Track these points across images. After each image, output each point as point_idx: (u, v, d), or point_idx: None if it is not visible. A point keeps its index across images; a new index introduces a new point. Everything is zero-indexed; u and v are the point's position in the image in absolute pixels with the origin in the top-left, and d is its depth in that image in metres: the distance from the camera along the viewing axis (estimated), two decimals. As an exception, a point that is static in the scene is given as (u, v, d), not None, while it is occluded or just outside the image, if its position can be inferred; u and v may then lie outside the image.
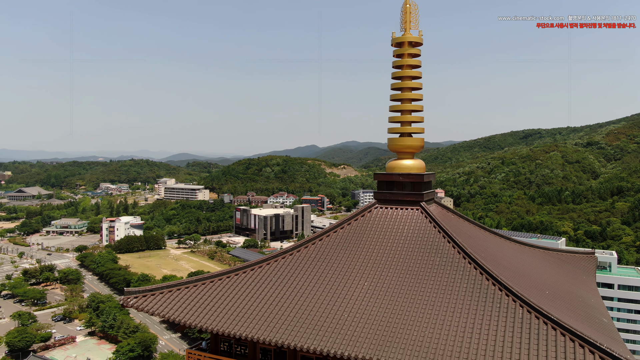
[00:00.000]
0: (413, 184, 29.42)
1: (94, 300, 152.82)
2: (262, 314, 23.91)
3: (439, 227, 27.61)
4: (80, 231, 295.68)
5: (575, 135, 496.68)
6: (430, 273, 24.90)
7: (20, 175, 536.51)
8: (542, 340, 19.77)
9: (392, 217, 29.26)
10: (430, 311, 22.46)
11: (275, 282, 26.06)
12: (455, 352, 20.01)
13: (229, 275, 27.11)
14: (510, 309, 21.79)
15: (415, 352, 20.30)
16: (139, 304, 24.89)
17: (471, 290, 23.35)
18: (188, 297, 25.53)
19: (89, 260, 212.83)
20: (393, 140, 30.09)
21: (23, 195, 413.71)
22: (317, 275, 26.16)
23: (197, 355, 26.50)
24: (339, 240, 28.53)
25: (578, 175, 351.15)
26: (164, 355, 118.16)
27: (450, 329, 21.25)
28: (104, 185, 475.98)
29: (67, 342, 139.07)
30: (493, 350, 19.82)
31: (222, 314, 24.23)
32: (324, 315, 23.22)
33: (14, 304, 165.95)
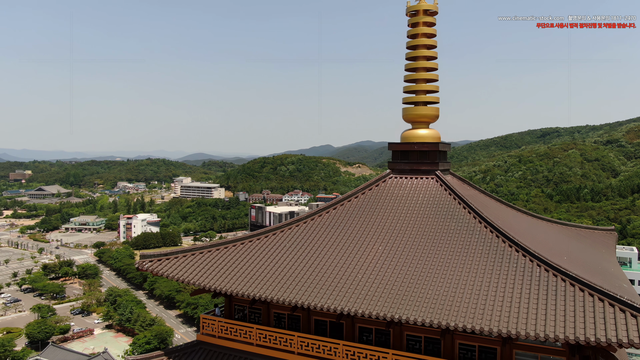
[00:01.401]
0: (428, 153, 29.15)
1: (111, 294, 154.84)
2: (276, 276, 23.89)
3: (454, 194, 27.31)
4: (98, 228, 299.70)
5: (595, 133, 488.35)
6: (445, 237, 24.62)
7: (40, 174, 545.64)
8: (560, 296, 19.38)
9: (407, 186, 29.02)
10: (445, 271, 22.20)
11: (289, 248, 26.02)
12: (471, 307, 19.72)
13: (243, 242, 27.15)
14: (527, 268, 21.42)
15: (431, 309, 20.06)
16: (154, 267, 25.06)
17: (487, 251, 23.02)
18: (203, 261, 25.63)
19: (106, 256, 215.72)
20: (407, 110, 29.84)
21: (43, 193, 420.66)
22: (331, 240, 26.05)
23: (211, 320, 26.58)
24: (353, 209, 28.38)
25: (597, 173, 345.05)
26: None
27: (465, 287, 20.97)
28: (122, 184, 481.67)
29: (85, 334, 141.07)
30: (510, 305, 19.48)
31: (237, 276, 24.27)
32: (338, 276, 23.10)
33: (33, 298, 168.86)
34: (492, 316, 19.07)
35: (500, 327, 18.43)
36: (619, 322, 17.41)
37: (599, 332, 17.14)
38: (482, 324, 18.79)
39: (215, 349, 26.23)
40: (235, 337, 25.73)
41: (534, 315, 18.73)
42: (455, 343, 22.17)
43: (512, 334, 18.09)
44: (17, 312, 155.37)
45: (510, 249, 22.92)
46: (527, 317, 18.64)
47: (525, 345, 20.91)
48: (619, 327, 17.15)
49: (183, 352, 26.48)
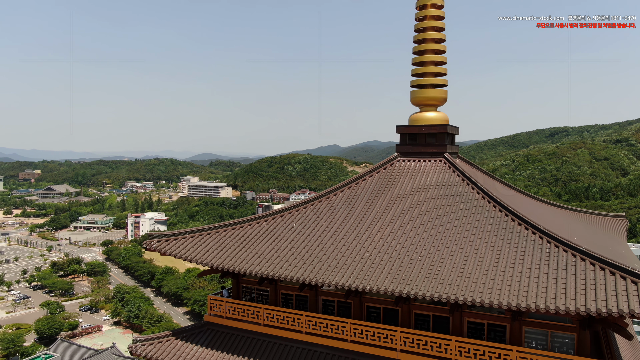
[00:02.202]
0: (436, 135, 28.99)
1: (119, 291, 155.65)
2: (285, 254, 23.84)
3: (462, 175, 27.14)
4: (107, 227, 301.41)
5: (604, 132, 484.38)
6: (453, 216, 24.46)
7: (50, 173, 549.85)
8: (570, 270, 19.15)
9: (415, 169, 28.88)
10: (454, 248, 22.04)
11: (297, 228, 25.96)
12: (480, 282, 19.56)
13: (250, 224, 27.13)
14: (537, 244, 21.23)
15: (440, 284, 19.91)
16: (162, 247, 25.10)
17: (496, 230, 22.84)
18: (211, 241, 25.64)
19: (114, 254, 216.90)
20: (415, 92, 29.68)
21: (52, 192, 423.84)
22: (339, 221, 25.97)
23: (218, 301, 26.58)
24: (361, 191, 28.29)
25: (607, 172, 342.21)
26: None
27: (475, 263, 20.80)
28: (130, 184, 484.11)
29: (94, 330, 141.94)
30: (519, 280, 19.29)
31: (245, 255, 24.24)
32: (347, 254, 23.01)
33: (43, 295, 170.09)
34: (502, 290, 18.90)
35: (510, 300, 18.26)
36: (631, 295, 17.18)
37: (611, 303, 16.92)
38: (491, 297, 18.63)
39: (222, 329, 26.22)
40: (242, 318, 25.70)
41: (544, 288, 18.54)
42: (464, 321, 22.01)
43: (522, 306, 17.91)
44: (27, 309, 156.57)
45: (519, 227, 22.73)
46: (537, 291, 18.45)
47: (535, 322, 20.71)
48: (631, 299, 16.92)
49: (190, 332, 26.50)
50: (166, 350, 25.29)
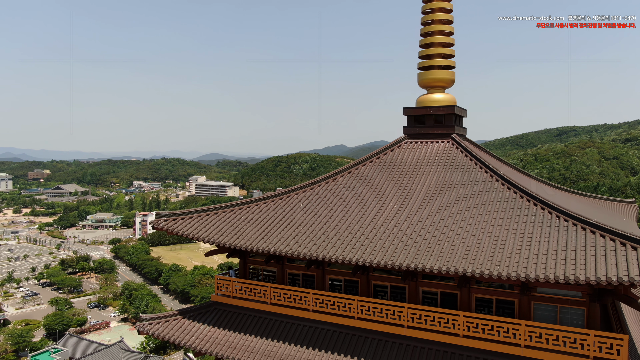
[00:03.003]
0: (444, 117, 28.82)
1: (127, 288, 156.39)
2: (292, 232, 23.79)
3: (470, 155, 26.98)
4: (115, 225, 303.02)
5: (613, 131, 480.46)
6: (461, 194, 24.31)
7: (58, 173, 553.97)
8: (580, 242, 18.95)
9: (422, 150, 28.73)
10: (462, 224, 21.89)
11: (305, 207, 25.91)
12: (488, 255, 19.39)
13: (257, 204, 27.12)
14: (545, 219, 21.03)
15: (448, 257, 19.76)
16: (169, 226, 25.13)
17: (504, 206, 22.67)
18: (218, 220, 25.64)
19: (122, 252, 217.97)
20: (423, 74, 29.52)
21: (60, 192, 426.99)
22: (346, 200, 25.91)
23: (225, 280, 26.58)
24: (368, 172, 28.19)
25: (616, 171, 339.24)
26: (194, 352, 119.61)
27: (483, 237, 20.64)
28: (137, 183, 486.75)
29: (102, 327, 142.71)
30: (528, 252, 19.12)
31: (252, 233, 24.22)
32: (354, 231, 22.92)
33: (51, 291, 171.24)
34: (511, 262, 18.74)
35: (519, 271, 18.09)
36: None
37: (621, 272, 16.70)
38: (500, 269, 18.46)
39: (229, 309, 26.22)
40: (249, 297, 25.68)
41: (553, 260, 18.36)
42: (472, 297, 21.85)
43: (531, 277, 17.74)
44: (36, 305, 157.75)
45: (528, 203, 22.55)
46: (547, 262, 18.27)
47: (544, 296, 20.52)
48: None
49: (197, 312, 26.52)
50: (173, 329, 25.33)
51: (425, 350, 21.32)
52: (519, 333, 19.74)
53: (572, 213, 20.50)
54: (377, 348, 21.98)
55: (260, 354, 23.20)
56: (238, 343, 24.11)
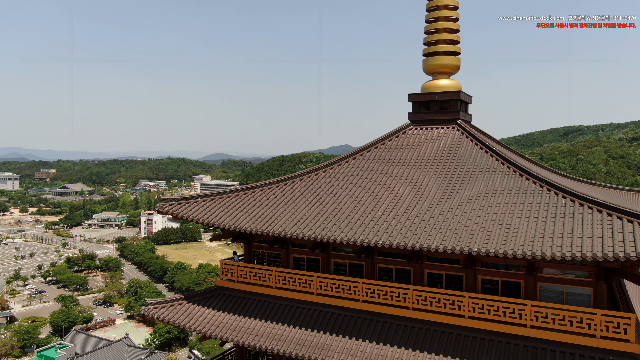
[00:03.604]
0: (449, 102, 28.72)
1: (132, 286, 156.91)
2: (298, 215, 23.77)
3: (476, 140, 26.88)
4: (120, 224, 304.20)
5: (620, 131, 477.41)
6: (467, 178, 24.23)
7: (64, 173, 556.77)
8: (587, 222, 18.82)
9: (428, 136, 28.65)
10: (467, 206, 21.79)
11: (310, 192, 25.89)
12: (494, 235, 19.29)
13: (262, 189, 27.12)
14: (552, 200, 20.91)
15: (453, 237, 19.68)
16: (174, 210, 25.16)
17: (510, 188, 22.54)
18: (223, 204, 25.65)
19: (128, 250, 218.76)
20: (428, 60, 29.43)
21: (66, 191, 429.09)
22: (351, 185, 25.86)
23: (230, 265, 26.59)
24: (373, 158, 28.13)
25: (622, 170, 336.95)
26: (199, 337, 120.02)
27: (489, 218, 20.53)
28: (143, 183, 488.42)
29: (107, 324, 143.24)
30: (534, 231, 18.99)
31: (258, 216, 24.20)
32: (359, 214, 22.88)
33: (57, 289, 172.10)
34: (517, 240, 18.63)
35: (525, 249, 17.98)
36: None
37: (629, 247, 16.56)
38: (506, 247, 18.35)
39: (234, 293, 26.23)
40: (254, 281, 25.67)
41: (560, 238, 18.23)
42: (478, 279, 21.76)
43: (537, 255, 17.62)
44: (42, 303, 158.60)
45: (534, 185, 22.42)
46: (553, 240, 18.15)
47: (550, 277, 20.41)
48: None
49: (202, 296, 26.54)
50: (178, 313, 25.37)
51: (431, 331, 21.24)
52: (525, 313, 19.64)
53: (579, 193, 20.37)
54: (382, 330, 21.92)
55: (265, 336, 23.19)
56: (243, 326, 24.11)
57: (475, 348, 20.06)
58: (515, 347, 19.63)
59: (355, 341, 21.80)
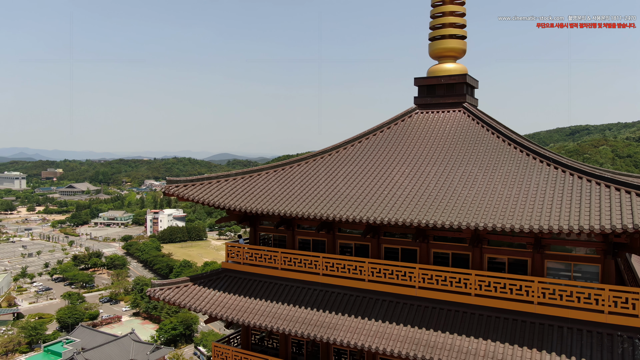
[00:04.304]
0: (455, 86, 28.60)
1: (138, 283, 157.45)
2: (303, 195, 23.75)
3: (482, 122, 26.77)
4: (126, 223, 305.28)
5: (627, 130, 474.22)
6: (473, 158, 24.12)
7: (71, 172, 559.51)
8: (594, 195, 18.69)
9: (433, 119, 28.55)
10: (473, 184, 21.70)
11: (316, 175, 25.85)
12: (501, 210, 19.17)
13: (267, 172, 27.12)
14: (559, 177, 20.79)
15: (459, 213, 19.58)
16: (180, 191, 25.20)
17: (517, 167, 22.42)
18: (229, 186, 25.68)
19: (134, 248, 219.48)
20: (434, 44, 29.32)
21: (73, 190, 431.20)
22: (356, 168, 25.81)
23: (236, 247, 26.60)
24: (378, 141, 28.06)
25: (629, 169, 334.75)
26: (204, 334, 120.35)
27: (495, 195, 20.42)
28: (148, 182, 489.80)
29: (114, 321, 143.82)
30: (542, 206, 18.86)
31: (263, 197, 24.20)
32: (364, 194, 22.82)
33: (64, 286, 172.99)
34: (524, 215, 18.52)
35: (532, 223, 17.85)
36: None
37: (638, 219, 16.42)
38: (513, 221, 18.24)
39: (240, 275, 26.25)
40: (260, 263, 25.68)
41: (567, 211, 18.10)
42: (484, 258, 21.66)
43: (545, 228, 17.50)
44: (49, 300, 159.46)
45: (541, 164, 22.32)
46: (561, 214, 18.02)
47: (557, 254, 20.28)
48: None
49: (208, 278, 26.57)
50: (184, 294, 25.41)
51: (437, 310, 21.17)
52: (532, 290, 19.53)
53: (586, 169, 20.27)
54: (388, 309, 21.86)
55: (271, 316, 23.18)
56: (249, 307, 24.12)
57: (481, 325, 19.97)
58: (522, 324, 19.53)
59: (361, 320, 21.76)
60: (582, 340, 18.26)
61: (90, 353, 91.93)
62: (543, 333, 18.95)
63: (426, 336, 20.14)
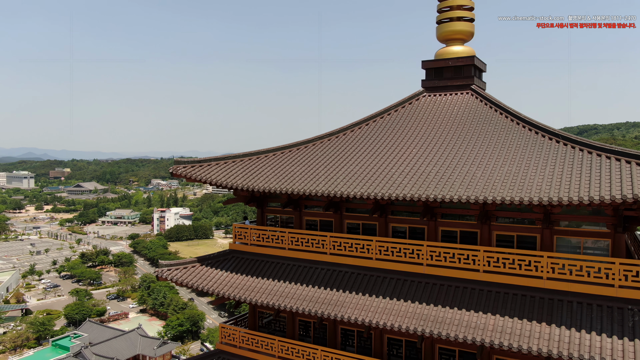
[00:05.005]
0: (463, 68, 28.48)
1: (145, 281, 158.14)
2: (311, 174, 23.72)
3: (490, 103, 26.64)
4: (133, 221, 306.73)
5: (636, 129, 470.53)
6: (481, 137, 24.01)
7: (79, 172, 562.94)
8: (605, 168, 18.51)
9: (441, 102, 28.44)
10: (482, 161, 21.59)
11: (321, 155, 25.83)
12: (509, 184, 19.05)
13: (274, 153, 27.13)
14: (568, 153, 20.63)
15: (468, 187, 19.47)
16: (188, 172, 25.26)
17: (525, 145, 22.28)
18: (236, 166, 25.72)
19: (140, 246, 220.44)
20: (441, 27, 29.21)
21: (81, 189, 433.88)
22: (364, 148, 25.76)
23: (243, 228, 26.63)
24: (385, 124, 28.00)
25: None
26: (211, 330, 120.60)
27: (504, 171, 20.29)
28: (155, 181, 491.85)
29: (121, 317, 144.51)
30: (551, 180, 18.73)
31: (271, 177, 24.19)
32: (372, 171, 22.76)
33: (72, 283, 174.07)
34: (533, 188, 18.39)
35: (541, 196, 17.73)
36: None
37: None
38: (522, 194, 18.12)
39: (247, 256, 26.27)
40: (267, 244, 25.70)
41: (577, 184, 17.97)
42: (493, 235, 21.53)
43: (554, 200, 17.36)
44: (57, 296, 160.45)
45: (550, 141, 22.17)
46: (570, 186, 17.90)
47: (567, 230, 20.13)
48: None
49: (216, 259, 26.62)
50: (192, 275, 25.46)
51: (445, 286, 21.07)
52: (541, 265, 19.40)
53: (596, 144, 20.10)
54: (396, 286, 21.79)
55: (278, 295, 23.18)
56: (256, 286, 24.13)
57: (490, 301, 19.85)
58: (531, 299, 19.39)
59: (369, 297, 21.70)
60: (593, 314, 18.11)
61: (98, 347, 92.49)
62: (553, 308, 18.80)
63: (434, 312, 20.05)
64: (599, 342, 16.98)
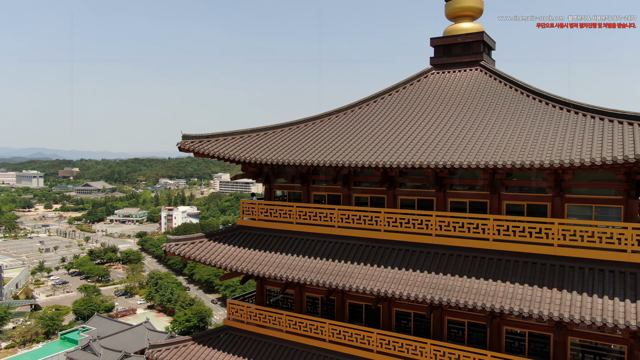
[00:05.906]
0: (472, 44, 28.26)
1: (153, 277, 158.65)
2: (319, 147, 23.64)
3: (500, 77, 26.41)
4: (141, 220, 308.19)
5: None
6: (490, 109, 23.80)
7: (87, 171, 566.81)
8: (617, 133, 18.29)
9: (450, 78, 28.25)
10: (491, 131, 21.39)
11: (329, 131, 25.75)
12: (520, 151, 18.83)
13: (282, 129, 27.07)
14: (580, 120, 20.40)
15: (478, 154, 19.29)
16: (196, 146, 25.25)
17: (535, 115, 22.08)
18: (245, 141, 25.67)
19: (148, 244, 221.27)
20: (450, 4, 29.03)
21: (89, 188, 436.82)
22: (372, 122, 25.63)
23: (251, 204, 26.58)
24: (393, 101, 27.85)
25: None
26: (218, 326, 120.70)
27: (514, 139, 20.09)
28: (163, 181, 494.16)
29: (128, 313, 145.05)
30: (562, 145, 18.52)
31: (279, 150, 24.13)
32: (380, 143, 22.62)
33: (80, 280, 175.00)
34: (544, 153, 18.17)
35: (552, 158, 17.50)
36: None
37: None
38: (533, 158, 17.91)
39: (254, 231, 26.21)
40: (275, 219, 25.62)
41: (589, 147, 17.74)
42: (503, 205, 21.31)
43: (565, 162, 17.13)
44: (65, 293, 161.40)
45: (560, 110, 21.95)
46: (582, 149, 17.68)
47: (579, 197, 19.87)
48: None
49: (223, 234, 26.58)
50: (200, 249, 25.43)
51: (454, 256, 20.89)
52: (552, 232, 19.16)
53: (608, 111, 19.84)
54: (405, 257, 21.64)
55: (286, 267, 23.09)
56: (264, 260, 24.06)
57: (500, 269, 19.65)
58: (542, 266, 19.17)
59: (378, 268, 21.56)
60: (604, 279, 17.86)
61: (106, 340, 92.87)
62: (564, 274, 18.57)
63: (444, 281, 19.87)
64: (611, 306, 16.73)
